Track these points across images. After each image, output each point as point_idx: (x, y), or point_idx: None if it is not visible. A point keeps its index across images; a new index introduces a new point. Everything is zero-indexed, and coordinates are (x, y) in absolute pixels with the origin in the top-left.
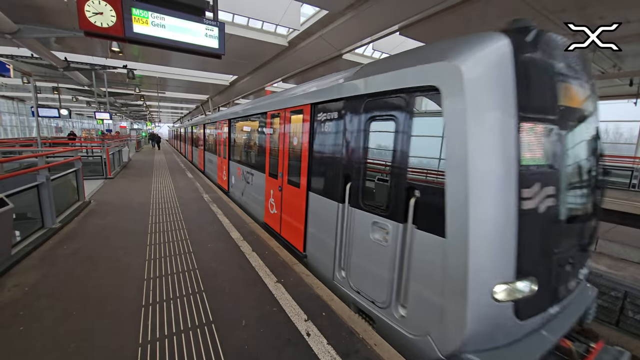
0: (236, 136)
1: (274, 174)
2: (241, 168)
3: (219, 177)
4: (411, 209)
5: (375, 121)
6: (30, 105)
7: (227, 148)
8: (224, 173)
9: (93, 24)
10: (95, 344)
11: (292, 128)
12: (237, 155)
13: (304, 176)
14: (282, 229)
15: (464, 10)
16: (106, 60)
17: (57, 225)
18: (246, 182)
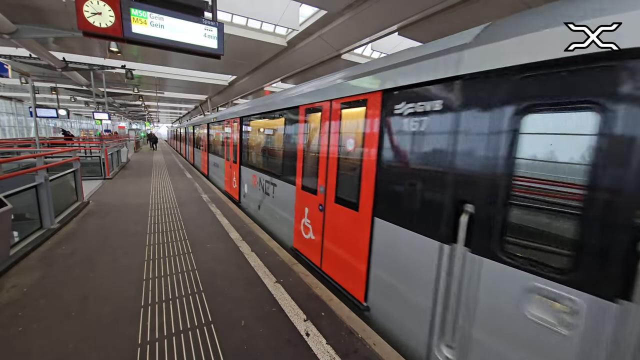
0: (251, 137)
1: (311, 187)
2: (258, 176)
3: (226, 184)
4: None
5: (538, 112)
6: (28, 106)
7: (239, 151)
8: (234, 180)
9: (92, 24)
10: (94, 344)
11: (345, 126)
12: (252, 160)
13: (367, 194)
14: (323, 262)
15: (462, 10)
16: (105, 61)
17: (56, 225)
18: (265, 193)
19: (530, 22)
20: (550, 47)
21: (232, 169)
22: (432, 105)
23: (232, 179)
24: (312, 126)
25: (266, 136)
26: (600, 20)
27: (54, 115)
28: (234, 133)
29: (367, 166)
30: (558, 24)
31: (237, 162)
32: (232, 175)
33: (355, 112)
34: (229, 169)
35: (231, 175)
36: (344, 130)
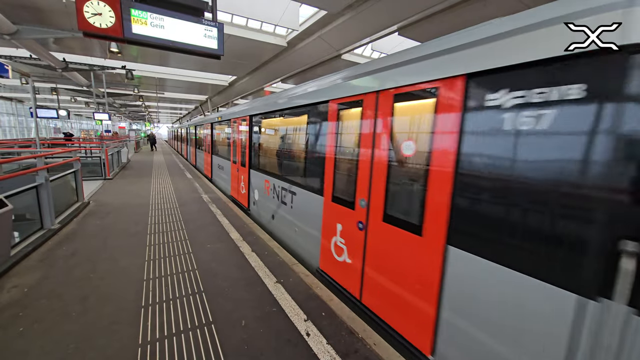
0: (263, 138)
1: (347, 200)
2: (272, 182)
3: (233, 189)
4: None
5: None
6: (28, 106)
7: (248, 153)
8: (242, 185)
9: (92, 25)
10: (95, 344)
11: (400, 123)
12: (264, 164)
13: (438, 214)
14: (365, 293)
15: (462, 10)
16: (105, 61)
17: (56, 226)
18: (281, 202)
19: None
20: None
21: (239, 173)
22: (565, 92)
23: (239, 183)
24: (348, 124)
25: (283, 136)
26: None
27: (55, 115)
28: (241, 133)
29: (438, 176)
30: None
31: (246, 165)
32: (239, 179)
33: (418, 106)
34: (236, 173)
35: (239, 180)
36: (398, 129)
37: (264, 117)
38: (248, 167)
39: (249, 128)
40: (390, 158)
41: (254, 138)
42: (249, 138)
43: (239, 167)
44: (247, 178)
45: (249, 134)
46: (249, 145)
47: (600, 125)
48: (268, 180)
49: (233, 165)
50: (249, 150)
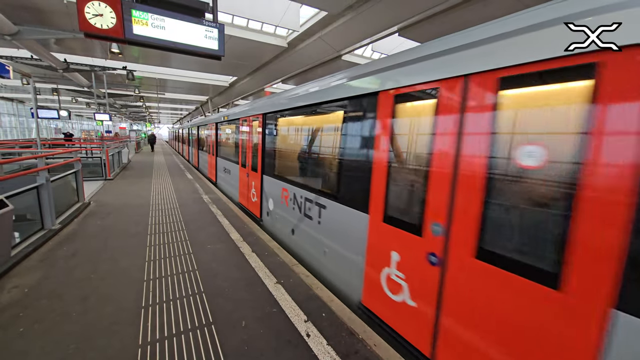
0: (280, 139)
1: (409, 222)
2: (291, 191)
3: (242, 195)
4: None
5: None
6: (29, 107)
7: (260, 157)
8: (253, 192)
9: (93, 26)
10: (95, 345)
11: (525, 118)
12: (281, 169)
13: (598, 261)
14: (441, 352)
15: (463, 11)
16: (106, 62)
17: (57, 226)
18: (304, 215)
19: None
20: None
21: (250, 179)
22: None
23: (249, 190)
24: (412, 121)
25: (307, 137)
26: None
27: (56, 116)
28: (252, 134)
29: (599, 205)
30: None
31: (258, 170)
32: (249, 185)
33: (564, 91)
34: (246, 178)
35: (248, 186)
36: (511, 126)
37: (280, 115)
38: (261, 172)
39: (262, 128)
40: (492, 170)
41: (269, 139)
42: (262, 139)
43: (249, 171)
44: (259, 184)
45: (262, 134)
46: (261, 148)
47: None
48: (286, 189)
49: (242, 170)
50: (261, 153)
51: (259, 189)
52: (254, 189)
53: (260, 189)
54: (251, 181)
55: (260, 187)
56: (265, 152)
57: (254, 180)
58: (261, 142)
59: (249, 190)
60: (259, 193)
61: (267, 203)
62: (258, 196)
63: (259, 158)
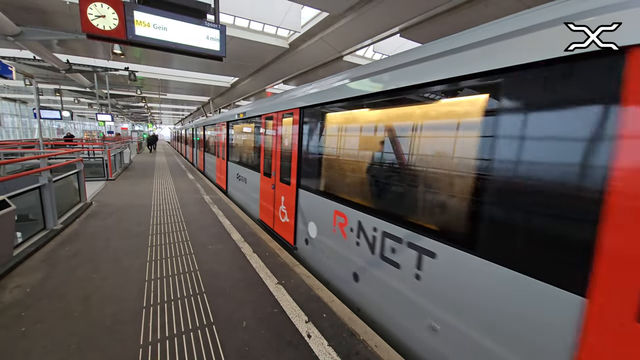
0: (330, 142)
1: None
2: (352, 216)
3: (263, 211)
4: None
5: None
6: (32, 107)
7: (295, 164)
8: (283, 211)
9: (95, 27)
10: (97, 345)
11: None
12: (331, 183)
13: None
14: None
15: (464, 12)
16: (108, 62)
17: (59, 226)
18: (382, 258)
19: None
20: None
21: (278, 192)
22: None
23: (276, 206)
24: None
25: (391, 139)
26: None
27: (58, 116)
28: (282, 135)
29: None
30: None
31: (291, 182)
32: (276, 200)
33: None
34: (271, 191)
35: (275, 201)
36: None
37: (333, 108)
38: (296, 185)
39: (298, 126)
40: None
41: (311, 141)
42: (298, 141)
43: (277, 183)
44: (292, 201)
45: (298, 135)
46: (297, 153)
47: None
48: (343, 213)
49: (265, 180)
50: (297, 160)
51: (291, 206)
52: (285, 206)
53: (294, 207)
54: (279, 195)
55: (294, 204)
56: (302, 159)
57: (285, 195)
58: (296, 146)
59: (276, 207)
60: (292, 212)
61: (306, 227)
62: (290, 216)
63: (293, 166)
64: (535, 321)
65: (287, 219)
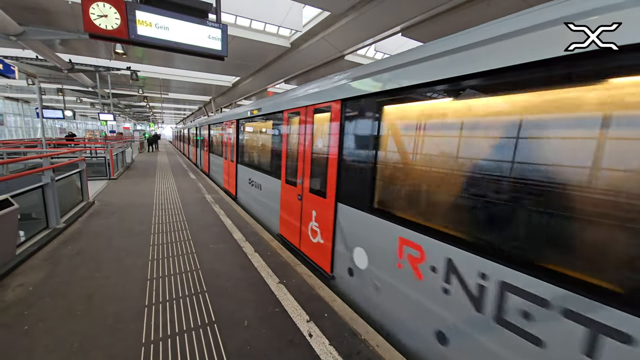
0: (398, 143)
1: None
2: (432, 249)
3: (286, 225)
4: None
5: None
6: (34, 107)
7: (334, 173)
8: (314, 228)
9: (98, 27)
10: (99, 343)
11: None
12: (385, 197)
13: None
14: None
15: (466, 11)
16: (110, 62)
17: (62, 225)
18: (474, 305)
19: None
20: None
21: (307, 205)
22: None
23: (304, 222)
24: None
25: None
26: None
27: (60, 116)
28: (313, 135)
29: None
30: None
31: (327, 194)
32: (305, 213)
33: None
34: (296, 203)
35: (302, 215)
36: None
37: (395, 98)
38: (334, 197)
39: (338, 124)
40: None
41: (358, 142)
42: (339, 143)
43: (305, 193)
44: (329, 218)
45: (339, 134)
46: (336, 157)
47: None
48: (417, 244)
49: (288, 189)
50: (336, 167)
51: (327, 225)
52: (317, 222)
53: (331, 225)
54: (309, 209)
55: (331, 222)
56: (345, 165)
57: (317, 209)
58: (336, 148)
59: (304, 223)
60: (329, 232)
61: (350, 253)
62: (326, 236)
63: (330, 174)
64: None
65: (321, 240)
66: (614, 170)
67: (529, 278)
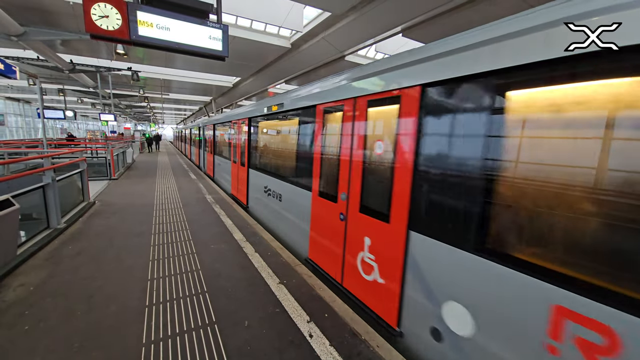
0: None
1: None
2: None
3: (317, 248)
4: None
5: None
6: (36, 107)
7: (407, 188)
8: (364, 259)
9: (99, 27)
10: (100, 343)
11: None
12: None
13: None
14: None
15: (467, 11)
16: (111, 63)
17: (63, 225)
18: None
19: None
20: None
21: (355, 228)
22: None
23: (353, 251)
24: None
25: None
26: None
27: (61, 116)
28: (365, 137)
29: None
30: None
31: (391, 216)
32: (352, 240)
33: None
34: (337, 223)
35: (347, 240)
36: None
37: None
38: (406, 223)
39: (414, 121)
40: None
41: (455, 146)
42: (415, 146)
43: (352, 212)
44: (396, 251)
45: (415, 135)
46: (410, 167)
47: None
48: (600, 323)
49: (323, 204)
50: (409, 181)
51: (393, 261)
52: (372, 253)
53: (400, 263)
54: (358, 234)
55: (401, 258)
56: (424, 179)
57: (373, 236)
58: (409, 154)
59: (349, 252)
60: (396, 272)
61: (438, 308)
62: (391, 277)
63: (396, 190)
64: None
65: (380, 279)
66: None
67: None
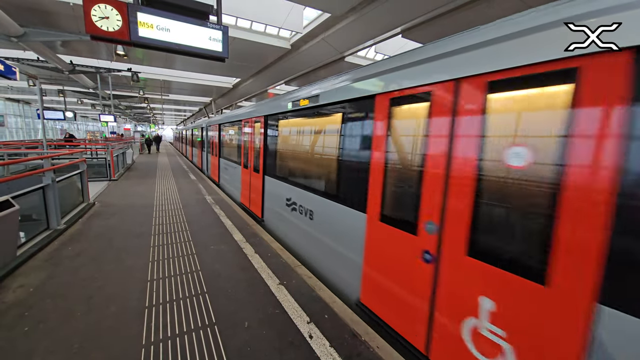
0: None
1: None
2: None
3: (384, 299)
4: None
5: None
6: (35, 108)
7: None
8: (490, 330)
9: (99, 28)
10: (99, 344)
11: None
12: None
13: None
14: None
15: (466, 12)
16: (111, 63)
17: (62, 226)
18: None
19: None
20: None
21: (457, 281)
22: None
23: (452, 316)
24: None
25: None
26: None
27: (61, 117)
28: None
29: None
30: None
31: (565, 279)
32: (448, 296)
33: None
34: (410, 264)
35: (439, 296)
36: None
37: None
38: (591, 291)
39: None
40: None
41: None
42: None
43: (452, 251)
44: (579, 331)
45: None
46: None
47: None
48: None
49: (390, 233)
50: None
51: (562, 349)
52: (499, 328)
53: (577, 348)
54: (463, 289)
55: (580, 343)
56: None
57: (496, 296)
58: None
59: (449, 315)
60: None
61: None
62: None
63: (572, 236)
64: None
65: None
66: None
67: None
